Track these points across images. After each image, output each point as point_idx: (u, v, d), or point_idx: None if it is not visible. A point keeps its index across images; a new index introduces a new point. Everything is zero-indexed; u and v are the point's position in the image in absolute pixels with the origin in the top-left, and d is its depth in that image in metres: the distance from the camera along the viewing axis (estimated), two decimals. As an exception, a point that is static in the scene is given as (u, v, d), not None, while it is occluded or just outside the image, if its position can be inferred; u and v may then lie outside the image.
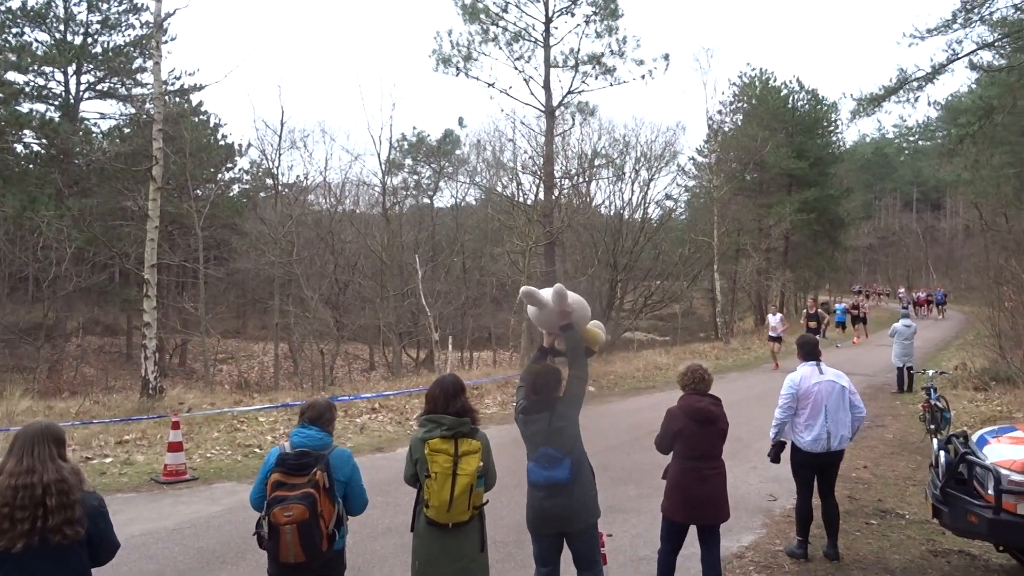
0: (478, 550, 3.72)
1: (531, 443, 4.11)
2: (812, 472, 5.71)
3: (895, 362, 14.56)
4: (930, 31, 16.68)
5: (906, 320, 14.75)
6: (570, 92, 21.76)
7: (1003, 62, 17.83)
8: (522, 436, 4.18)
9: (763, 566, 5.61)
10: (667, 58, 21.75)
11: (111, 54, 28.92)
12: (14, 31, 27.30)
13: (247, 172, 35.39)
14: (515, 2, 20.99)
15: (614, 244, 24.24)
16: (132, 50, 29.31)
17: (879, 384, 15.27)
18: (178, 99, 28.28)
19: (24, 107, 26.64)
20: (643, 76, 21.66)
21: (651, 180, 25.97)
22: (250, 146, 33.92)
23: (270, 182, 30.70)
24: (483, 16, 20.81)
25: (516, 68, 21.26)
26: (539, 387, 4.15)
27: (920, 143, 74.48)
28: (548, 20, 21.07)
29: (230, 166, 34.12)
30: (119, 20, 29.57)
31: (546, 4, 21.01)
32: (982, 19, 16.43)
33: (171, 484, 7.91)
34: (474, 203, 37.91)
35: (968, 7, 16.25)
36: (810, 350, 5.86)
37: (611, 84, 21.62)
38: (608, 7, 21.15)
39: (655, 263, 28.56)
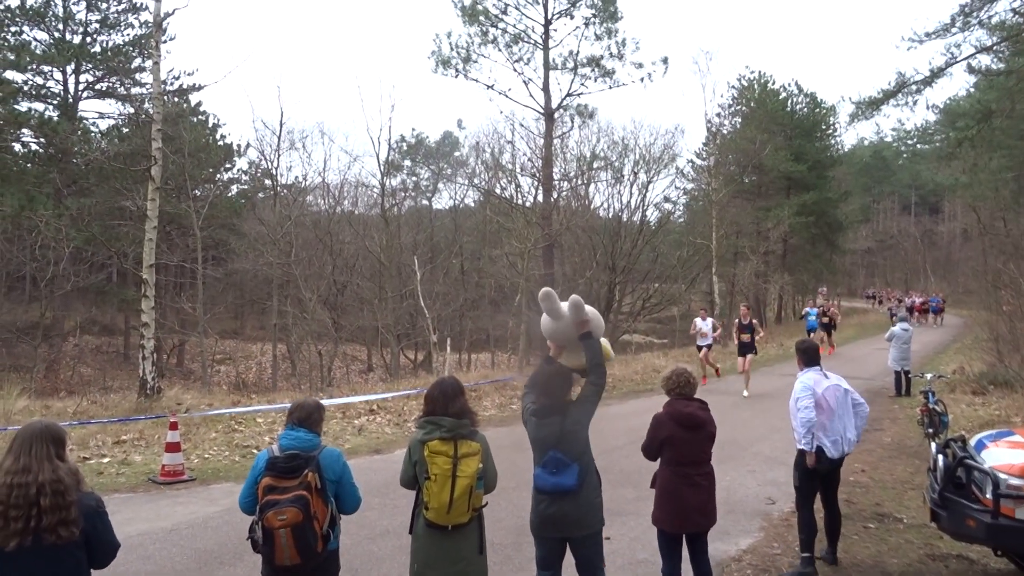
0: (477, 552, 3.71)
1: (541, 446, 4.06)
2: (818, 481, 5.58)
3: (892, 366, 14.52)
4: (929, 35, 16.74)
5: (904, 324, 14.73)
6: (569, 94, 21.86)
7: (1001, 66, 17.90)
8: (531, 439, 4.13)
9: (761, 569, 5.60)
10: (666, 61, 22.00)
11: (110, 53, 28.97)
12: (13, 30, 27.31)
13: (246, 172, 35.52)
14: (515, 4, 21.05)
15: (612, 246, 24.16)
16: (131, 50, 29.36)
17: (877, 388, 15.24)
18: (177, 99, 28.29)
19: (23, 106, 26.62)
20: (642, 79, 21.83)
21: (650, 183, 25.99)
22: (249, 146, 34.09)
23: (269, 183, 30.73)
24: (483, 18, 20.85)
25: (515, 70, 21.34)
26: (551, 390, 4.11)
27: (918, 146, 74.68)
28: (547, 22, 21.10)
29: (229, 166, 34.18)
30: (118, 19, 29.64)
31: (545, 6, 21.06)
32: (981, 23, 16.49)
33: (169, 485, 7.89)
34: (473, 205, 38.01)
35: (967, 11, 16.30)
36: (812, 355, 5.73)
37: (610, 87, 21.75)
38: (607, 10, 21.20)
39: (653, 266, 28.50)
